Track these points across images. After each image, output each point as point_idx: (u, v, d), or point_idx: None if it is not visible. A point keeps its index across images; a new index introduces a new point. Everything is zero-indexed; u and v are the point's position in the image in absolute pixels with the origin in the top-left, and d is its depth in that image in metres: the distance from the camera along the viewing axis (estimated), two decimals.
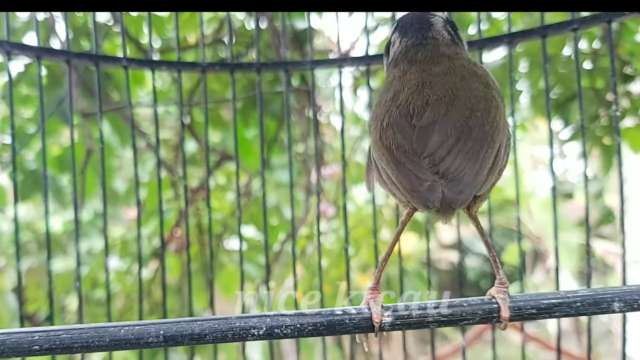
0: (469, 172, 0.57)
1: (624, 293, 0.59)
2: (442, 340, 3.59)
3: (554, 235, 0.97)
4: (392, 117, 0.63)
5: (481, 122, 0.61)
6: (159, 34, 1.70)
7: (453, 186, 0.56)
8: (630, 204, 2.60)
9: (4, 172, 1.87)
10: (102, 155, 1.02)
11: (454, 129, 0.60)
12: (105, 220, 1.02)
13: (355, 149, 2.07)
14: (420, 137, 0.60)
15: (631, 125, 1.72)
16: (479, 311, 0.59)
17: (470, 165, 0.57)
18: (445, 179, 0.57)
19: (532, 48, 1.71)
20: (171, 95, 1.87)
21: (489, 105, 0.63)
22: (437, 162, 0.58)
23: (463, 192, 0.56)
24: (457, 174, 0.57)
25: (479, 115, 0.61)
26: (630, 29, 1.63)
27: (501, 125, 0.63)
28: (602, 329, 3.34)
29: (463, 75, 0.66)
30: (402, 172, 0.59)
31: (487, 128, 0.61)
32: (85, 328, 0.57)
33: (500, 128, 0.62)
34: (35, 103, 1.65)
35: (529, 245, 3.94)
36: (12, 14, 1.52)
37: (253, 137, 1.82)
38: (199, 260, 1.78)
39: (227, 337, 0.58)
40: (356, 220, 2.07)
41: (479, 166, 0.58)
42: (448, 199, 0.56)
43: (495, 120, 0.62)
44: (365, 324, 0.59)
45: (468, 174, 0.57)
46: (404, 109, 0.63)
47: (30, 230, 2.30)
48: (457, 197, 0.56)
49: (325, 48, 2.32)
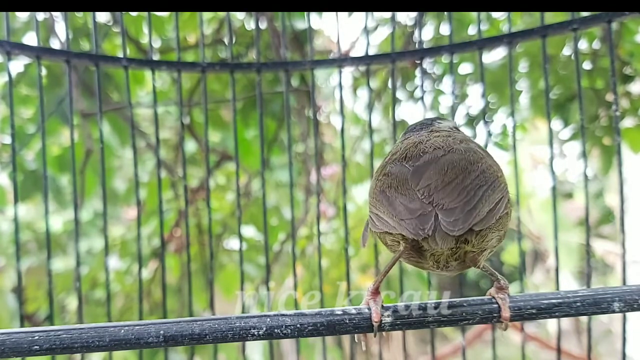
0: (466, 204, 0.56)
1: (624, 293, 0.60)
2: (442, 340, 3.59)
3: (554, 235, 0.97)
4: (388, 167, 0.64)
5: (482, 168, 0.61)
6: (159, 34, 1.70)
7: (448, 214, 0.55)
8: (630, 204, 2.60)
9: (4, 172, 1.87)
10: (102, 155, 1.02)
11: (452, 167, 0.60)
12: (105, 220, 1.02)
13: (355, 149, 2.07)
14: (416, 173, 0.60)
15: (631, 126, 1.72)
16: (479, 311, 0.59)
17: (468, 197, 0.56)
18: (441, 208, 0.55)
19: (532, 48, 1.71)
20: (171, 95, 1.87)
21: (490, 161, 0.63)
22: (432, 192, 0.57)
23: (458, 221, 0.54)
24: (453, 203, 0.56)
25: (479, 165, 0.61)
26: (630, 29, 1.63)
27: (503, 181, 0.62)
28: (602, 329, 3.34)
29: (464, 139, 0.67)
30: (394, 206, 0.58)
31: (488, 175, 0.60)
32: (85, 328, 0.57)
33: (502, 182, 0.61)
34: (35, 103, 1.65)
35: (529, 245, 3.94)
36: (12, 14, 1.52)
37: (253, 137, 1.82)
38: (199, 260, 1.78)
39: (227, 337, 0.58)
40: (356, 220, 2.07)
41: (478, 201, 0.56)
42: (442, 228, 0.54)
43: (498, 175, 0.61)
44: (365, 324, 0.59)
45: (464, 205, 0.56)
46: (400, 158, 0.64)
47: (30, 230, 2.30)
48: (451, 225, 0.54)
49: (325, 48, 2.32)
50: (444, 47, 1.05)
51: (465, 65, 1.85)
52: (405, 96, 1.99)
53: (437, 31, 1.81)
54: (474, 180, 0.58)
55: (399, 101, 1.90)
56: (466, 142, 0.67)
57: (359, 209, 2.19)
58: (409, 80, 1.97)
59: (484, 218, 0.56)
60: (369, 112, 1.24)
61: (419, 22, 1.32)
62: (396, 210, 0.57)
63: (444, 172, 0.59)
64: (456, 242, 0.56)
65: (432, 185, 0.58)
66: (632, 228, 2.39)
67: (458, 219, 0.54)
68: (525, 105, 1.93)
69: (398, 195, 0.59)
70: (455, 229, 0.54)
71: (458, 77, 1.85)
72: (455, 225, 0.54)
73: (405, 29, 1.82)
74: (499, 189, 0.60)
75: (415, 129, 0.74)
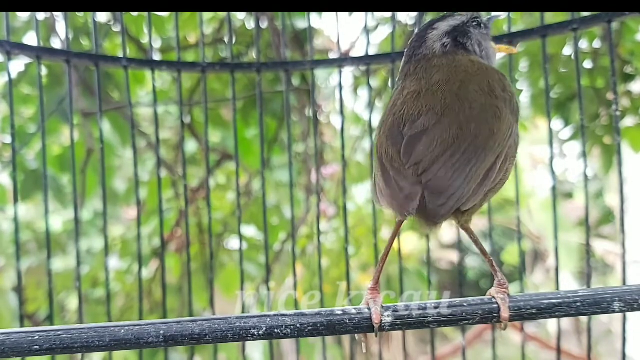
0: (453, 185, 0.56)
1: (624, 293, 0.59)
2: (442, 340, 3.59)
3: (554, 235, 0.97)
4: (387, 125, 0.64)
5: (474, 133, 0.59)
6: (159, 34, 1.70)
7: (434, 198, 0.55)
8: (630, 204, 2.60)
9: (5, 171, 1.87)
10: (102, 155, 1.02)
11: (442, 140, 0.59)
12: (105, 220, 1.02)
13: (356, 149, 2.07)
14: (407, 147, 0.59)
15: (631, 125, 1.72)
16: (479, 311, 0.59)
17: (455, 177, 0.56)
18: (428, 189, 0.56)
19: (532, 48, 1.70)
20: (171, 95, 1.87)
21: (486, 115, 0.61)
22: (421, 172, 0.57)
23: (445, 204, 0.55)
24: (440, 185, 0.56)
25: (472, 126, 0.59)
26: (630, 29, 1.63)
27: (501, 136, 0.60)
28: (602, 329, 3.34)
29: (462, 82, 0.64)
30: (387, 180, 0.59)
31: (481, 140, 0.59)
32: (85, 328, 0.57)
33: (498, 139, 0.60)
34: (36, 103, 1.65)
35: (529, 245, 3.94)
36: (12, 14, 1.52)
37: (253, 137, 1.82)
38: (199, 260, 1.78)
39: (227, 337, 0.58)
40: (356, 219, 2.07)
41: (464, 179, 0.56)
42: (429, 210, 0.55)
43: (493, 132, 0.60)
44: (365, 324, 0.59)
45: (452, 187, 0.56)
46: (398, 118, 0.63)
47: (30, 230, 2.30)
48: (437, 208, 0.55)
49: (325, 48, 2.32)
50: None
51: None
52: None
53: None
54: (463, 154, 0.58)
55: None
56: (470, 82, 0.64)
57: (359, 208, 2.19)
58: None
59: (471, 196, 0.57)
60: (369, 112, 1.24)
61: (419, 22, 1.32)
62: (388, 186, 0.59)
63: (434, 146, 0.58)
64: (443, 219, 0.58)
65: (421, 163, 0.58)
66: (632, 228, 2.38)
67: (444, 203, 0.55)
68: (525, 104, 1.92)
69: (391, 168, 0.60)
70: (440, 214, 0.55)
71: None
72: (441, 210, 0.55)
73: (405, 29, 1.82)
74: (495, 148, 0.59)
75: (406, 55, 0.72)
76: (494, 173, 0.59)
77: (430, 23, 0.74)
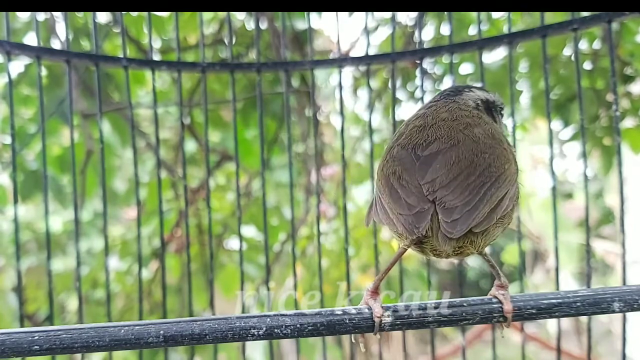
0: (469, 202, 0.56)
1: (624, 293, 0.60)
2: (442, 340, 3.59)
3: (554, 235, 0.97)
4: (395, 151, 0.64)
5: (488, 162, 0.60)
6: (159, 34, 1.70)
7: (447, 214, 0.55)
8: (630, 204, 2.60)
9: (5, 172, 1.87)
10: (102, 155, 1.02)
11: (458, 160, 0.59)
12: (105, 220, 1.02)
13: (356, 149, 2.07)
14: (423, 165, 0.60)
15: (631, 126, 1.72)
16: (479, 311, 0.59)
17: (470, 196, 0.56)
18: (442, 206, 0.56)
19: (532, 48, 1.71)
20: (171, 95, 1.87)
21: (497, 151, 0.62)
22: (437, 188, 0.57)
23: (457, 222, 0.54)
24: (454, 202, 0.56)
25: (486, 156, 0.60)
26: (630, 29, 1.63)
27: (509, 174, 0.61)
28: (602, 329, 3.34)
29: (468, 124, 0.65)
30: (394, 198, 0.59)
31: (494, 170, 0.59)
32: (85, 328, 0.57)
33: (508, 177, 0.60)
34: (36, 103, 1.65)
35: (529, 245, 3.94)
36: (12, 14, 1.52)
37: (253, 137, 1.82)
38: (199, 260, 1.78)
39: (227, 337, 0.58)
40: (356, 220, 2.07)
41: (479, 200, 0.56)
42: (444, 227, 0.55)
43: (504, 167, 0.60)
44: (365, 324, 0.59)
45: (467, 203, 0.56)
46: (406, 145, 0.64)
47: (30, 230, 2.30)
48: (452, 224, 0.54)
49: (325, 48, 2.32)
50: (444, 47, 1.05)
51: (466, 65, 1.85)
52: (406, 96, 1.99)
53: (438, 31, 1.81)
54: (478, 177, 0.58)
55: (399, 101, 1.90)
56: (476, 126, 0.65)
57: (359, 209, 2.19)
58: (409, 80, 1.97)
59: (484, 219, 0.56)
60: (369, 112, 1.24)
61: (419, 22, 1.32)
62: (396, 204, 0.58)
63: (450, 165, 0.59)
64: (457, 242, 0.57)
65: (437, 180, 0.58)
66: (632, 228, 2.38)
67: (457, 219, 0.55)
68: (525, 105, 1.93)
69: (400, 187, 0.59)
70: (454, 231, 0.54)
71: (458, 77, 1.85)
72: (453, 227, 0.54)
73: (405, 29, 1.82)
74: (505, 184, 0.60)
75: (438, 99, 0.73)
76: (505, 202, 0.59)
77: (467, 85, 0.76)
